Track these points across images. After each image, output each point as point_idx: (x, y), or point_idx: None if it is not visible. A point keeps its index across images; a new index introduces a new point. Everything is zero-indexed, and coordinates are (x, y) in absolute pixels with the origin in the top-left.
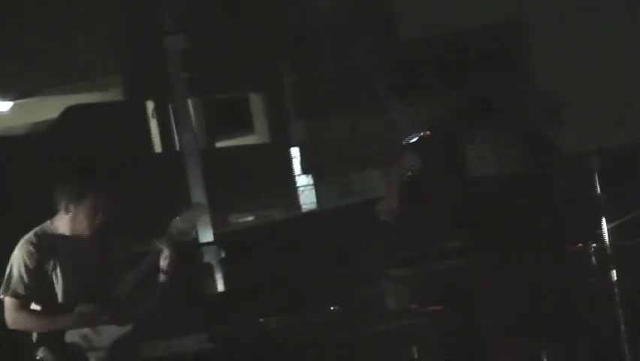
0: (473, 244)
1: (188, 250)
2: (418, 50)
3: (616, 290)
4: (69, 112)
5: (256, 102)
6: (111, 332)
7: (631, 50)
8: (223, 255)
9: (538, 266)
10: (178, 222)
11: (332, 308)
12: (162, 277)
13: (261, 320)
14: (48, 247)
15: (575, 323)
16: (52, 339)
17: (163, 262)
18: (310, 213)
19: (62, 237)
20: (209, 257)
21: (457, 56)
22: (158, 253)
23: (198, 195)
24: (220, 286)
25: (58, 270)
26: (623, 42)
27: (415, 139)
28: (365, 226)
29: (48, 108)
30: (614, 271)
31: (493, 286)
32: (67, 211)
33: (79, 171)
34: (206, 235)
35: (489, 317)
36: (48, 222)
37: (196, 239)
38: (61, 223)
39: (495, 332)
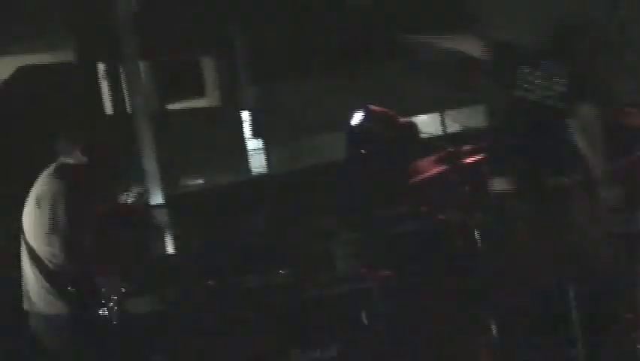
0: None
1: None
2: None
3: None
4: (20, 72)
5: (208, 66)
6: None
7: None
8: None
9: None
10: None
11: (281, 271)
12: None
13: (210, 282)
14: None
15: None
16: None
17: None
18: (260, 177)
19: None
20: (160, 220)
21: None
22: None
23: (149, 159)
24: (170, 249)
25: None
26: None
27: None
28: (314, 190)
29: None
30: None
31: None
32: None
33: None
34: (157, 198)
35: None
36: None
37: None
38: None
39: None
